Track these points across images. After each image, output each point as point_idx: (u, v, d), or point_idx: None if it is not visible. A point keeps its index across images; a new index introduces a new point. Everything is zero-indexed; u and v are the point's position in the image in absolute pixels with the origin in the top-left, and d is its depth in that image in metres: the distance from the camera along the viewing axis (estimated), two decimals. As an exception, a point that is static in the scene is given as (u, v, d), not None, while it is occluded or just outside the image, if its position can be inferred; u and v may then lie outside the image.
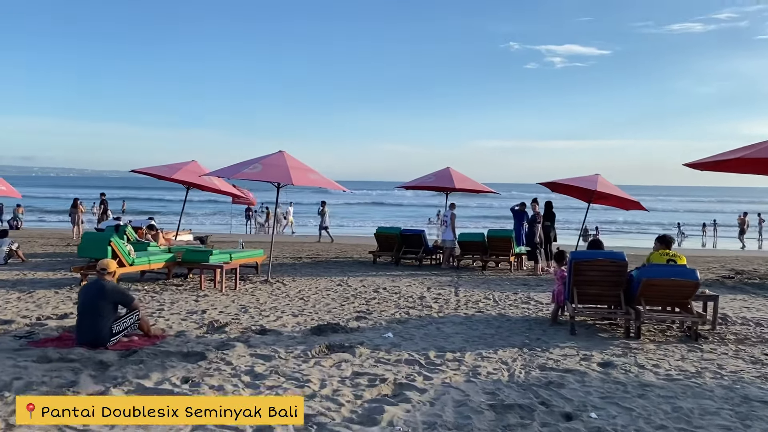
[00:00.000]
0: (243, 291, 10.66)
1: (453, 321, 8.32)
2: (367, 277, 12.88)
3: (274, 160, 11.47)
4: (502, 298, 10.44)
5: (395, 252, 15.84)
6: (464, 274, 13.88)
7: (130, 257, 10.88)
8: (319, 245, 21.83)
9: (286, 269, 14.15)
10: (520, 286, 12.23)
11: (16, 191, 21.68)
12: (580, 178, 16.00)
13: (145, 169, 14.52)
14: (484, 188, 16.67)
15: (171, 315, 8.29)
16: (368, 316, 8.46)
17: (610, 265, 7.72)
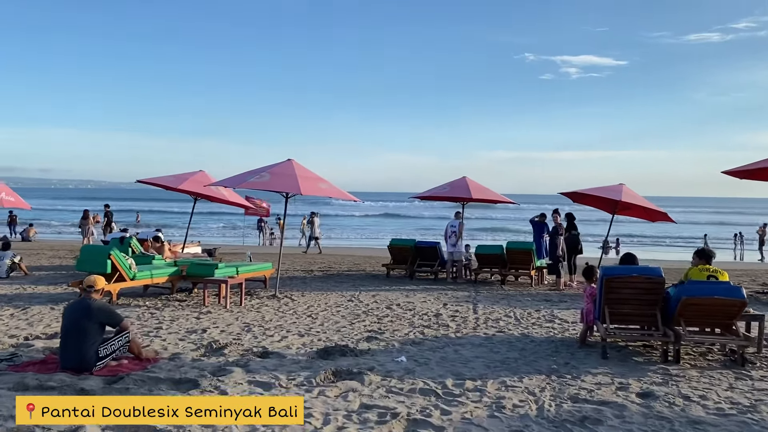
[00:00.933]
0: (248, 307, 10.08)
1: (472, 342, 7.66)
2: (380, 292, 12.26)
3: (283, 169, 10.93)
4: (524, 316, 9.76)
5: (409, 265, 15.21)
6: (482, 289, 13.21)
7: (131, 271, 10.36)
8: (330, 257, 21.25)
9: (296, 283, 13.57)
10: (542, 302, 11.54)
11: (25, 203, 21.43)
12: (604, 188, 15.29)
13: (151, 180, 14.06)
14: (503, 198, 15.99)
15: (168, 334, 7.72)
16: (380, 336, 7.83)
17: (646, 282, 7.03)
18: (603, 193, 15.12)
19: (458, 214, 15.07)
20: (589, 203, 16.71)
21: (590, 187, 15.37)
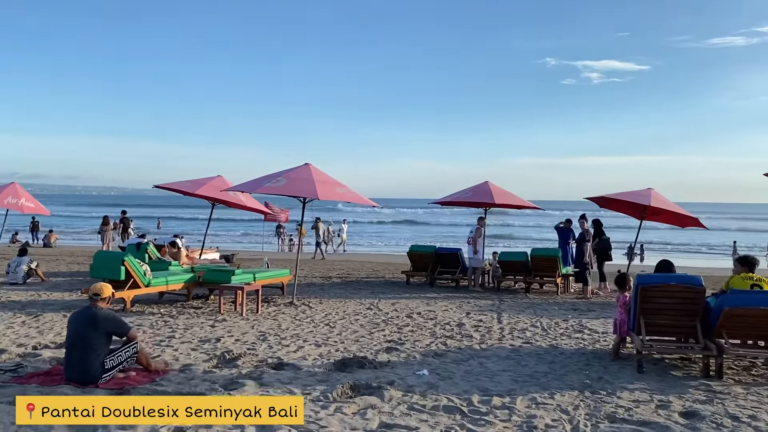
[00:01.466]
0: (265, 315, 9.78)
1: (498, 354, 7.26)
2: (400, 300, 11.89)
3: (300, 173, 10.64)
4: (551, 326, 9.33)
5: (430, 272, 14.82)
6: (506, 298, 12.77)
7: (146, 278, 10.14)
8: (349, 264, 20.94)
9: (314, 290, 13.26)
10: (569, 311, 11.08)
11: (44, 208, 21.44)
12: (632, 193, 14.76)
13: (168, 185, 13.87)
14: (527, 203, 15.54)
15: (181, 344, 7.43)
16: (400, 347, 7.46)
17: (685, 291, 6.58)
18: (631, 198, 14.60)
19: (481, 220, 14.60)
20: (616, 208, 16.16)
21: (616, 192, 14.87)
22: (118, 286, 10.03)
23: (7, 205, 19.55)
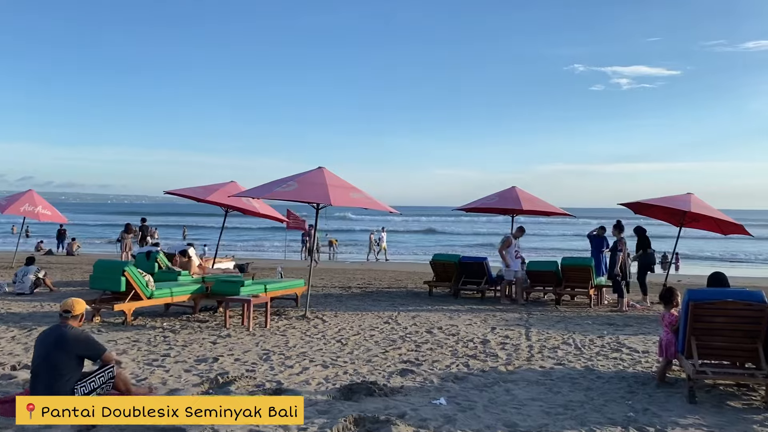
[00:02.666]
0: (274, 329, 9.09)
1: (526, 378, 6.43)
2: (420, 313, 11.11)
3: (312, 177, 9.94)
4: (585, 344, 8.45)
5: (453, 283, 13.99)
6: (535, 310, 11.89)
7: (148, 289, 9.54)
8: (371, 273, 20.22)
9: (331, 301, 12.55)
10: (604, 326, 10.17)
11: (62, 216, 21.21)
12: (670, 198, 13.78)
13: (179, 191, 13.32)
14: (557, 210, 14.63)
15: (175, 363, 6.77)
16: (416, 369, 6.69)
17: (744, 309, 5.68)
18: (669, 204, 13.62)
19: (520, 230, 13.52)
20: (652, 215, 15.18)
21: (651, 198, 13.88)
22: (119, 298, 9.50)
23: (23, 213, 19.37)
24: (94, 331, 8.57)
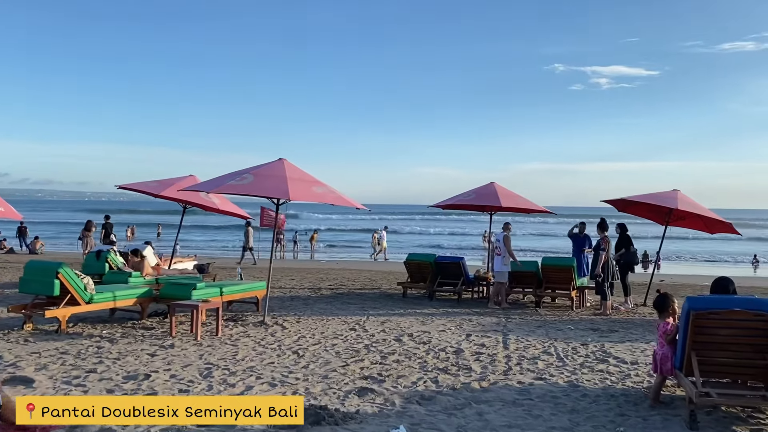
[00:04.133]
0: (225, 338, 8.19)
1: (502, 398, 5.62)
2: (391, 317, 10.27)
3: (270, 169, 9.03)
4: (568, 353, 7.68)
5: (429, 283, 13.19)
6: (514, 314, 11.12)
7: (87, 293, 8.57)
8: (345, 273, 19.34)
9: (296, 304, 11.66)
10: (588, 331, 9.43)
11: (16, 212, 19.99)
12: (656, 195, 13.12)
13: (132, 185, 12.32)
14: (537, 207, 13.89)
15: (98, 382, 5.85)
16: (378, 387, 5.84)
17: (754, 319, 4.91)
18: (655, 201, 12.95)
19: (507, 226, 12.53)
20: (636, 212, 14.52)
21: (635, 194, 13.19)
22: (56, 303, 8.55)
23: (-28, 209, 18.14)
24: (20, 342, 7.61)
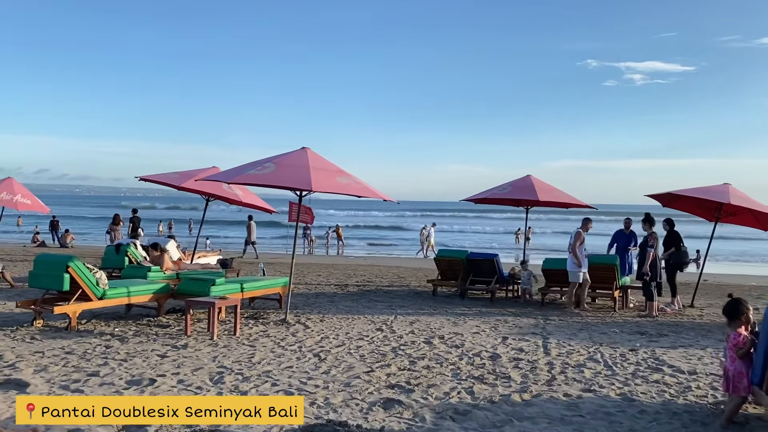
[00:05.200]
0: (243, 338, 7.66)
1: (548, 414, 4.94)
2: (420, 317, 9.63)
3: (293, 159, 8.45)
4: (616, 360, 6.95)
5: (460, 281, 12.50)
6: (552, 315, 10.38)
7: (99, 288, 8.12)
8: (373, 269, 18.76)
9: (321, 302, 11.11)
10: (634, 335, 8.67)
11: (44, 206, 19.91)
12: (705, 188, 12.21)
13: (153, 177, 11.90)
14: (577, 201, 13.06)
15: (98, 387, 5.34)
16: (406, 398, 5.21)
17: None
18: (705, 195, 12.04)
19: (586, 222, 11.27)
20: (683, 208, 13.60)
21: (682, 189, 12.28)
22: (65, 298, 8.12)
23: (0, 201, 18.04)
24: (26, 339, 7.18)
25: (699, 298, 12.48)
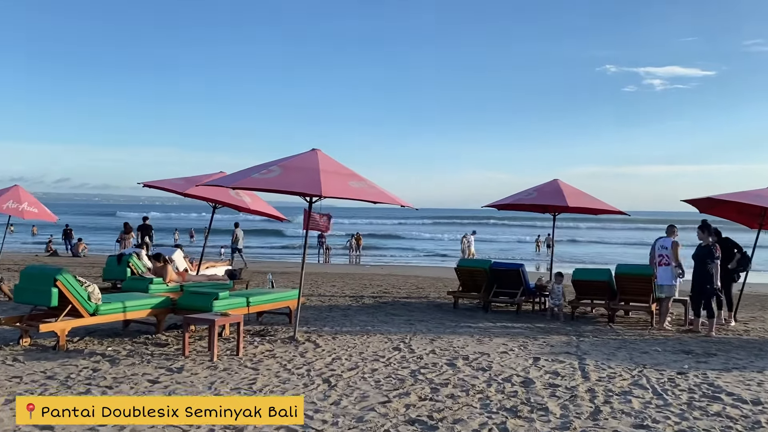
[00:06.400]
0: (247, 359, 6.93)
1: (600, 460, 4.13)
2: (442, 334, 8.84)
3: (301, 161, 7.72)
4: (666, 386, 6.10)
5: (483, 293, 11.69)
6: (585, 330, 9.54)
7: (91, 303, 7.45)
8: (391, 279, 18.00)
9: (335, 316, 10.37)
10: (679, 354, 7.81)
11: (51, 214, 19.43)
12: (748, 193, 11.26)
13: (157, 183, 11.26)
14: (609, 207, 12.19)
15: (74, 421, 4.63)
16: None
17: None
18: (748, 200, 11.07)
19: (673, 230, 10.45)
20: (722, 214, 12.64)
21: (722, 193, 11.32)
22: (53, 315, 7.46)
23: (6, 210, 17.55)
24: (7, 361, 6.51)
25: (739, 311, 11.56)
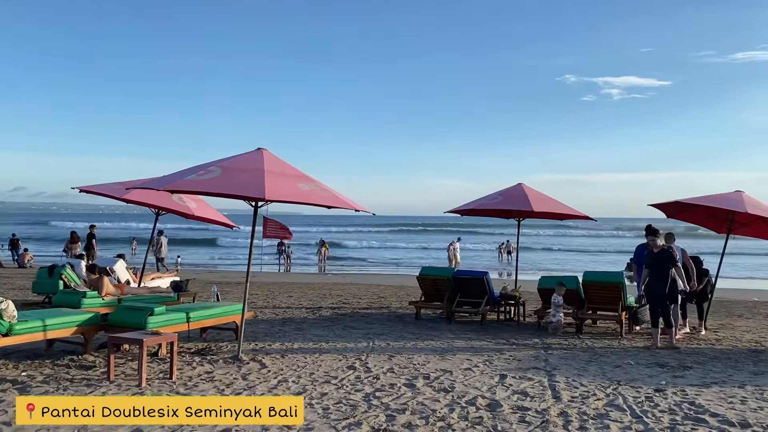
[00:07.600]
0: (181, 383, 6.15)
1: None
2: (402, 350, 8.19)
3: (244, 161, 6.97)
4: (643, 407, 5.56)
5: (446, 303, 11.09)
6: (553, 342, 9.01)
7: (4, 322, 6.56)
8: (351, 288, 17.30)
9: (287, 330, 9.63)
10: (653, 367, 7.32)
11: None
12: (717, 197, 10.94)
13: (94, 188, 10.34)
14: (576, 212, 11.75)
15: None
16: (380, 481, 3.77)
17: None
18: (717, 203, 10.76)
19: (671, 236, 9.74)
20: (690, 219, 12.37)
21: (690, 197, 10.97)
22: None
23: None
24: None
25: (708, 319, 11.21)
